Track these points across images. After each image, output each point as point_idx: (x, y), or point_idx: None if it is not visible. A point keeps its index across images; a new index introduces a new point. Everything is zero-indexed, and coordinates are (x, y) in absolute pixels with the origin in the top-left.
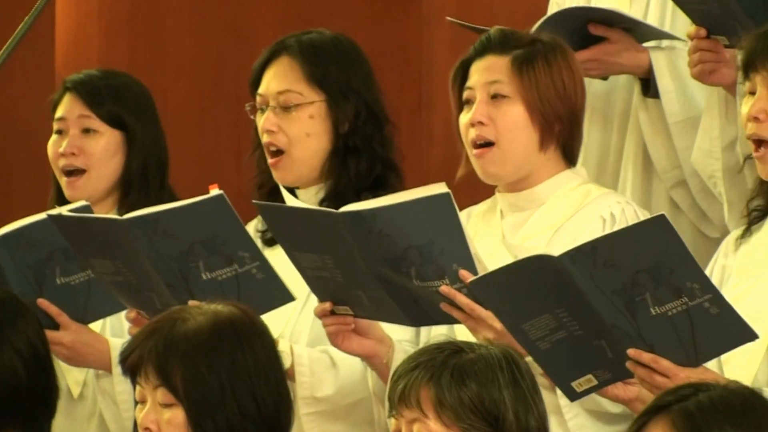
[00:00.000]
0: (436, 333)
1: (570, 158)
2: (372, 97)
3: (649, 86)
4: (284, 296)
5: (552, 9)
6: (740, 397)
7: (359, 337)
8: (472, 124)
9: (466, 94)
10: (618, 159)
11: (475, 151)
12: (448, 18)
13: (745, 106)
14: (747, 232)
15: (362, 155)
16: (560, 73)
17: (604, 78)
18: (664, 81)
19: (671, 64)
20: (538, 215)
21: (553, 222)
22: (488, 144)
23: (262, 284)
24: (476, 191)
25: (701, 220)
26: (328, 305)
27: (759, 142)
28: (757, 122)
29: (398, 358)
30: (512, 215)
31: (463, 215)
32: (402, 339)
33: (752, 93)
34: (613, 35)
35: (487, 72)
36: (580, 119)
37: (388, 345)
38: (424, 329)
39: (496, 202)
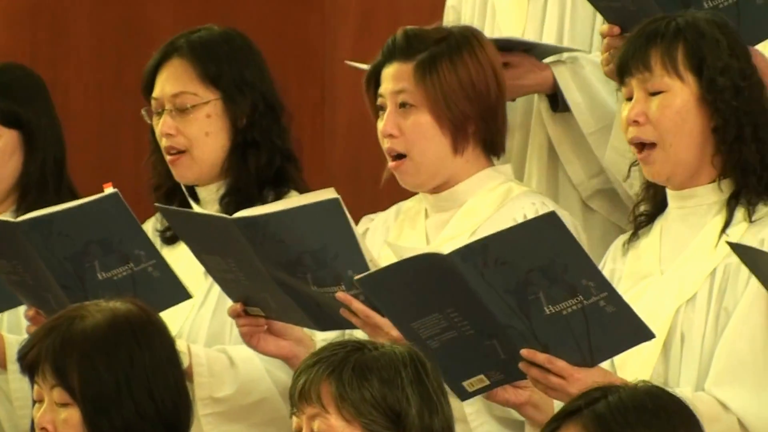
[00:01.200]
0: (360, 333)
1: (493, 151)
2: (267, 89)
3: (557, 102)
4: (181, 294)
5: (448, 14)
6: (651, 397)
7: (275, 338)
8: (384, 136)
9: (378, 101)
10: (520, 168)
11: (390, 163)
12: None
13: (624, 111)
14: (634, 237)
15: (262, 148)
16: (467, 71)
17: (512, 100)
18: (572, 94)
19: (576, 76)
20: (459, 216)
21: (473, 223)
22: (401, 156)
23: (158, 282)
24: (386, 193)
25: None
26: (239, 306)
27: (641, 145)
28: (637, 125)
29: None
30: (435, 215)
31: (391, 211)
32: (327, 338)
33: (629, 99)
34: (513, 59)
35: (394, 80)
36: (499, 111)
37: (307, 346)
38: (348, 330)
39: (422, 201)
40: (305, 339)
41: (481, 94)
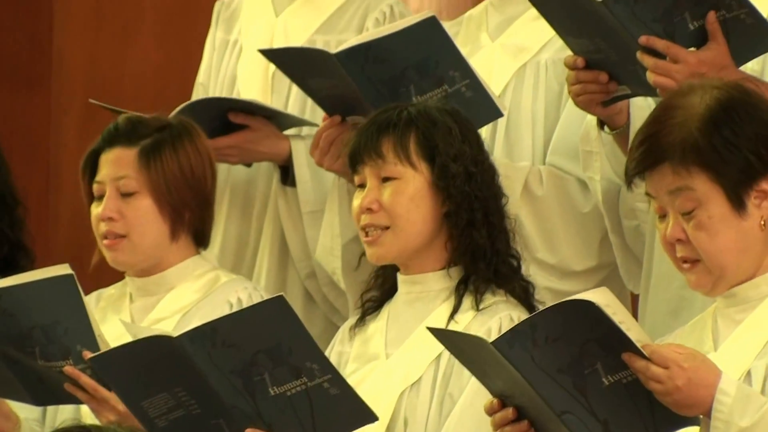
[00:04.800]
0: (64, 411)
1: (201, 241)
2: None
3: (288, 174)
4: None
5: (197, 90)
6: None
7: None
8: (102, 219)
9: (96, 189)
10: (257, 248)
11: (105, 242)
12: (91, 100)
13: (357, 198)
14: (361, 322)
15: None
16: (188, 159)
17: (248, 165)
18: (301, 170)
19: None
20: (167, 300)
21: (182, 307)
22: (120, 236)
23: None
24: (109, 275)
25: (332, 312)
26: None
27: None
28: (370, 213)
29: None
30: (141, 299)
31: (92, 297)
32: (29, 417)
33: (362, 186)
34: (254, 123)
35: (115, 166)
36: (211, 201)
37: (14, 422)
38: (50, 408)
39: (126, 286)
40: (12, 415)
41: (199, 181)
